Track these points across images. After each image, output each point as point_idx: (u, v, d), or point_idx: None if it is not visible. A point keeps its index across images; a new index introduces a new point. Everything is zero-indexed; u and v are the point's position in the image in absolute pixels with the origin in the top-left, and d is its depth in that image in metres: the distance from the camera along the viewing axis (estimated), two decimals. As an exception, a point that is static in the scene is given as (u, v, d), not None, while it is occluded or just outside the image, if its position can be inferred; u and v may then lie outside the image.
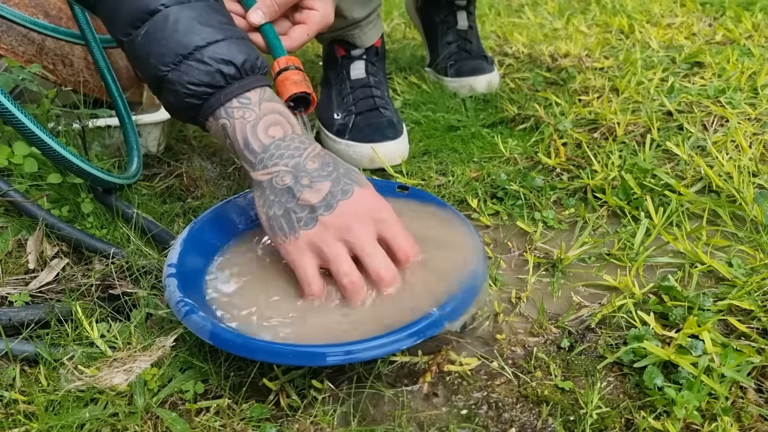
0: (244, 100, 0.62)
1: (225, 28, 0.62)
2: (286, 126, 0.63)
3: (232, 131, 0.62)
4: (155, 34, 0.60)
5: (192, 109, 0.62)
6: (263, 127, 0.62)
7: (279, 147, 0.61)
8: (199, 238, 0.68)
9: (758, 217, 0.78)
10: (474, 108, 1.15)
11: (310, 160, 0.61)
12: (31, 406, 0.57)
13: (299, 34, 0.77)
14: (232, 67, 0.61)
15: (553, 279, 0.74)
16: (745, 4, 1.57)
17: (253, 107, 0.62)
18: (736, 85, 1.11)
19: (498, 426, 0.56)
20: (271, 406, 0.59)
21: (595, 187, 0.88)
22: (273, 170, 0.61)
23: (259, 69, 0.63)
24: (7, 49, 0.86)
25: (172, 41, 0.60)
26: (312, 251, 0.60)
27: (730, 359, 0.58)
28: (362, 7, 1.00)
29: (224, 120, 0.62)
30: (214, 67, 0.60)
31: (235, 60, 0.61)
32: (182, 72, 0.60)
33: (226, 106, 0.61)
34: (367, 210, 0.60)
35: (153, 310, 0.67)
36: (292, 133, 0.63)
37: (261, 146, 0.61)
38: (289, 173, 0.60)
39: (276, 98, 0.65)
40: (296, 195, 0.60)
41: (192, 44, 0.60)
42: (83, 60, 0.98)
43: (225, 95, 0.61)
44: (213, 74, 0.60)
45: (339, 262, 0.59)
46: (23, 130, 0.67)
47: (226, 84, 0.61)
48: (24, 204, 0.73)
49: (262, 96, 0.63)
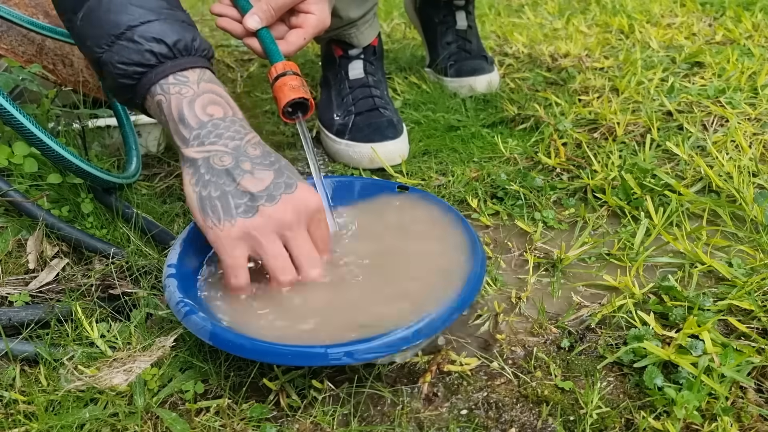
0: (181, 77, 0.61)
1: (160, 11, 0.61)
2: (226, 108, 0.62)
3: (167, 106, 0.60)
4: (91, 15, 0.60)
5: (127, 89, 0.62)
6: (201, 104, 0.60)
7: (217, 126, 0.60)
8: (200, 239, 0.68)
9: (758, 217, 0.78)
10: (474, 108, 1.15)
11: (251, 146, 0.60)
12: (31, 406, 0.57)
13: (296, 39, 0.77)
14: (163, 45, 0.60)
15: (553, 279, 0.74)
16: (745, 4, 1.57)
17: (191, 85, 0.61)
18: (736, 85, 1.11)
19: (498, 426, 0.56)
20: (271, 406, 0.59)
21: (595, 187, 0.88)
22: (211, 149, 0.59)
23: (195, 50, 0.62)
24: (7, 49, 0.87)
25: (106, 22, 0.60)
26: (245, 241, 0.58)
27: (730, 359, 0.58)
28: (358, 7, 1.00)
29: (160, 96, 0.61)
30: (145, 46, 0.59)
31: (167, 39, 0.60)
32: (114, 52, 0.60)
33: (162, 82, 0.60)
34: (306, 208, 0.60)
35: (153, 310, 0.67)
36: (232, 116, 0.61)
37: (198, 122, 0.60)
38: (228, 154, 0.59)
39: (217, 82, 0.64)
40: (236, 179, 0.58)
41: (124, 24, 0.59)
42: (83, 60, 0.98)
43: (157, 74, 0.60)
44: (143, 53, 0.60)
45: (276, 256, 0.59)
46: (22, 130, 0.67)
47: (157, 63, 0.60)
48: (24, 204, 0.73)
49: (201, 76, 0.62)
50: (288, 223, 0.59)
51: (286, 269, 0.59)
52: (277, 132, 1.12)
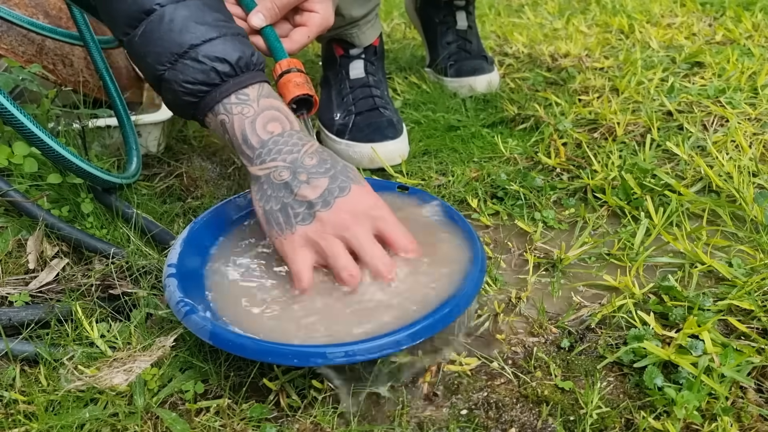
0: (242, 96, 0.62)
1: (220, 26, 0.62)
2: (284, 122, 0.64)
3: (230, 127, 0.62)
4: (151, 33, 0.61)
5: (190, 106, 0.63)
6: (261, 122, 0.62)
7: (277, 143, 0.62)
8: (200, 238, 0.68)
9: (758, 217, 0.78)
10: (474, 108, 1.15)
11: (308, 157, 0.62)
12: (31, 406, 0.57)
13: (300, 37, 0.77)
14: (226, 65, 0.61)
15: (553, 279, 0.74)
16: (745, 4, 1.57)
17: (252, 103, 0.62)
18: (736, 85, 1.11)
19: (498, 426, 0.56)
20: (271, 406, 0.59)
21: (595, 187, 0.88)
22: (271, 165, 0.61)
23: (255, 65, 0.64)
24: (7, 49, 0.86)
25: (168, 40, 0.60)
26: (307, 247, 0.60)
27: (730, 359, 0.58)
28: (361, 6, 1.00)
29: (223, 116, 0.62)
30: (209, 65, 0.61)
31: (229, 58, 0.61)
32: (178, 71, 0.61)
33: (224, 102, 0.62)
34: (364, 207, 0.61)
35: (153, 310, 0.67)
36: (290, 129, 0.63)
37: (259, 141, 0.62)
38: (286, 168, 0.61)
39: (274, 94, 0.65)
40: (294, 191, 0.60)
41: (187, 43, 0.60)
42: (83, 60, 0.98)
43: (221, 92, 0.62)
44: (208, 72, 0.61)
45: (337, 257, 0.59)
46: (23, 130, 0.67)
47: (221, 81, 0.62)
48: (24, 204, 0.73)
49: (260, 92, 0.63)
50: (344, 224, 0.59)
51: (348, 266, 0.60)
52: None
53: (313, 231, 0.60)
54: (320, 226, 0.59)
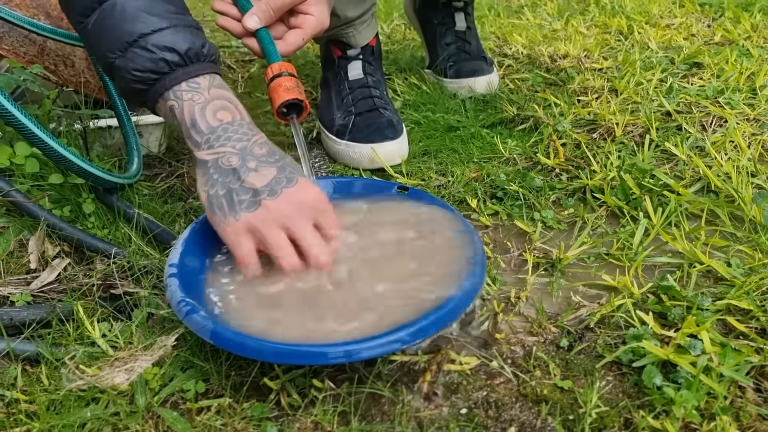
0: (193, 84, 0.64)
1: (170, 17, 0.64)
2: (234, 112, 0.65)
3: (179, 112, 0.64)
4: (104, 21, 0.63)
5: (139, 93, 0.65)
6: (212, 110, 0.64)
7: (227, 130, 0.63)
8: (200, 238, 0.68)
9: (757, 217, 0.78)
10: (473, 109, 1.16)
11: (257, 146, 0.63)
12: (32, 406, 0.57)
13: (294, 39, 0.78)
14: (175, 54, 0.63)
15: (552, 279, 0.74)
16: (744, 5, 1.57)
17: (203, 91, 0.64)
18: (735, 85, 1.11)
19: (497, 425, 0.57)
20: (271, 405, 0.59)
21: (594, 188, 0.88)
22: (219, 150, 0.62)
23: (205, 57, 0.65)
24: (8, 49, 0.87)
25: (119, 29, 0.62)
26: (251, 233, 0.61)
27: (729, 359, 0.58)
28: (356, 7, 1.00)
29: (172, 102, 0.64)
30: (158, 54, 0.62)
31: (178, 47, 0.63)
32: (128, 59, 0.62)
33: (175, 89, 0.64)
34: (309, 199, 0.63)
35: (154, 309, 0.67)
36: (240, 120, 0.65)
37: (208, 127, 0.63)
38: (235, 155, 0.62)
39: (226, 87, 0.67)
40: (241, 177, 0.61)
41: (137, 32, 0.62)
42: (84, 61, 0.99)
43: (170, 80, 0.63)
44: (157, 61, 0.62)
45: (278, 246, 0.61)
46: (24, 130, 0.67)
47: (170, 70, 0.63)
48: (25, 204, 0.74)
49: (211, 82, 0.65)
50: (289, 214, 0.61)
51: (289, 256, 0.61)
52: (278, 132, 1.12)
53: (257, 218, 0.61)
54: (265, 214, 0.61)
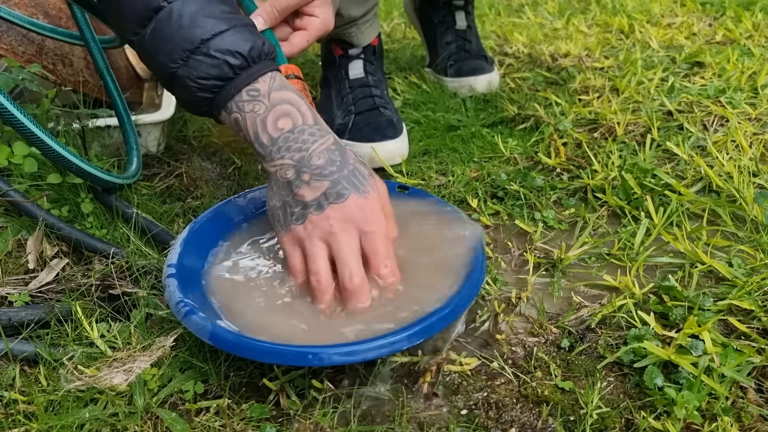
0: (253, 92, 0.62)
1: (228, 18, 0.62)
2: (296, 117, 0.63)
3: (243, 125, 0.63)
4: (161, 31, 0.60)
5: (205, 102, 0.63)
6: (272, 119, 0.62)
7: (287, 140, 0.62)
8: (199, 238, 0.68)
9: (758, 217, 0.78)
10: (474, 108, 1.15)
11: (316, 156, 0.61)
12: (30, 406, 0.57)
13: (299, 41, 0.77)
14: (239, 57, 0.61)
15: (553, 279, 0.74)
16: (746, 4, 1.56)
17: (263, 99, 0.62)
18: (737, 84, 1.11)
19: (498, 426, 0.56)
20: (271, 406, 0.59)
21: (596, 187, 0.88)
22: (278, 163, 0.62)
23: (266, 55, 0.63)
24: (7, 48, 0.86)
25: (178, 37, 0.60)
26: (299, 246, 0.62)
27: (731, 359, 0.58)
28: (359, 6, 1.00)
29: (236, 114, 0.62)
30: (221, 59, 0.60)
31: (241, 49, 0.61)
32: (191, 67, 0.60)
33: (236, 99, 0.62)
34: (355, 219, 0.60)
35: (153, 310, 0.67)
36: (302, 124, 0.62)
37: (269, 139, 0.62)
38: (292, 167, 0.61)
39: (286, 84, 0.64)
40: (293, 190, 0.61)
41: (197, 38, 0.60)
42: (83, 60, 0.98)
43: (235, 86, 0.61)
44: (221, 66, 0.60)
45: (314, 260, 0.61)
46: (22, 130, 0.67)
47: (234, 75, 0.61)
48: (24, 204, 0.73)
49: (272, 85, 0.63)
50: (330, 230, 0.60)
51: (319, 272, 0.60)
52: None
53: (302, 231, 0.61)
54: (310, 228, 0.61)
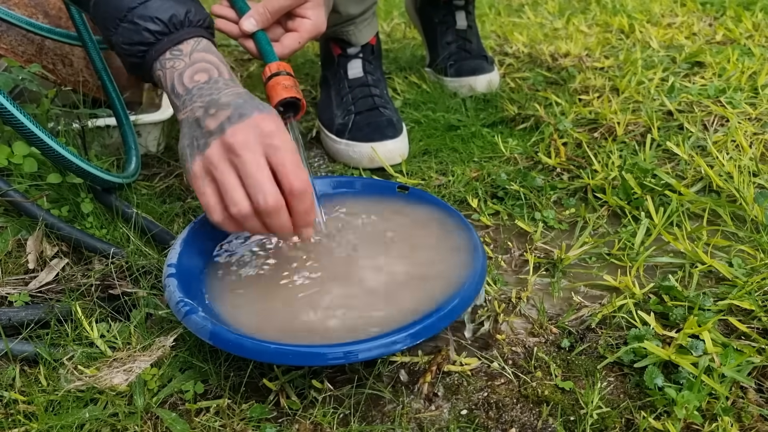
0: (176, 51, 0.65)
1: None
2: (212, 71, 0.64)
3: (163, 80, 0.65)
4: (101, 2, 0.65)
5: (137, 67, 0.66)
6: (190, 73, 0.64)
7: (201, 89, 0.63)
8: (199, 238, 0.68)
9: (759, 217, 0.78)
10: (474, 108, 1.15)
11: (224, 96, 0.62)
12: (30, 406, 0.57)
13: (290, 42, 0.78)
14: (159, 23, 0.64)
15: (553, 279, 0.74)
16: (746, 4, 1.56)
17: (184, 57, 0.65)
18: (737, 84, 1.11)
19: (498, 426, 0.56)
20: (271, 406, 0.59)
21: (596, 187, 0.88)
22: (189, 108, 0.63)
23: (191, 22, 0.66)
24: (6, 48, 0.86)
25: (112, 6, 0.64)
26: (207, 175, 0.59)
27: (731, 359, 0.58)
28: (358, 4, 1.00)
29: (159, 71, 0.65)
30: (142, 25, 0.63)
31: (161, 16, 0.64)
32: (119, 34, 0.64)
33: (161, 58, 0.65)
34: (258, 134, 0.58)
35: (153, 310, 0.67)
36: (217, 77, 0.64)
37: (184, 89, 0.63)
38: (201, 107, 0.62)
39: (211, 49, 0.66)
40: (201, 124, 0.61)
41: (125, 7, 0.64)
42: (83, 60, 0.98)
43: (157, 50, 0.64)
44: (141, 32, 0.64)
45: (228, 189, 0.58)
46: (22, 130, 0.67)
47: (155, 40, 0.64)
48: (24, 204, 0.73)
49: (194, 47, 0.65)
50: (232, 149, 0.57)
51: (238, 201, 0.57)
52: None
53: (206, 158, 0.58)
54: (213, 152, 0.58)
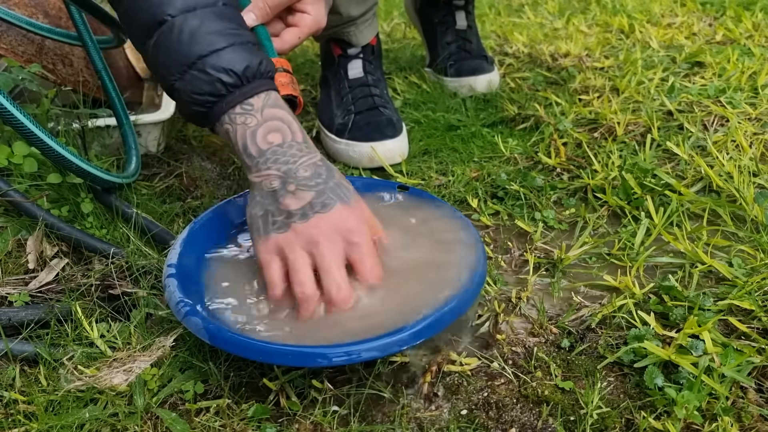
0: (246, 106, 0.62)
1: (228, 35, 0.62)
2: (286, 133, 0.63)
3: (234, 136, 0.63)
4: (163, 44, 0.62)
5: (200, 116, 0.64)
6: (263, 132, 0.62)
7: (275, 153, 0.62)
8: (199, 238, 0.68)
9: (758, 217, 0.78)
10: (474, 108, 1.15)
11: (302, 168, 0.61)
12: (30, 406, 0.57)
13: (290, 37, 0.78)
14: (233, 75, 0.61)
15: (553, 279, 0.74)
16: (746, 4, 1.56)
17: (255, 113, 0.63)
18: (737, 84, 1.11)
19: (498, 426, 0.56)
20: (271, 406, 0.59)
21: (596, 187, 0.88)
22: (265, 173, 0.61)
23: (262, 74, 0.64)
24: (6, 48, 0.86)
25: (178, 52, 0.61)
26: (279, 255, 0.60)
27: (731, 359, 0.58)
28: (358, 5, 1.00)
29: (227, 125, 0.63)
30: (215, 76, 0.61)
31: (235, 68, 0.61)
32: (186, 82, 0.61)
33: (230, 112, 0.62)
34: (341, 229, 0.60)
35: (153, 310, 0.67)
36: (291, 140, 0.63)
37: (258, 151, 0.62)
38: (278, 178, 0.61)
39: (281, 104, 0.65)
40: (278, 199, 0.60)
41: (195, 54, 0.61)
42: (83, 60, 0.98)
43: (228, 103, 0.62)
44: (214, 83, 0.61)
45: (297, 270, 0.59)
46: (22, 130, 0.67)
47: (227, 92, 0.62)
48: (24, 204, 0.73)
49: (266, 102, 0.63)
50: (314, 240, 0.59)
51: (304, 283, 0.59)
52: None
53: (284, 240, 0.60)
54: (292, 237, 0.59)
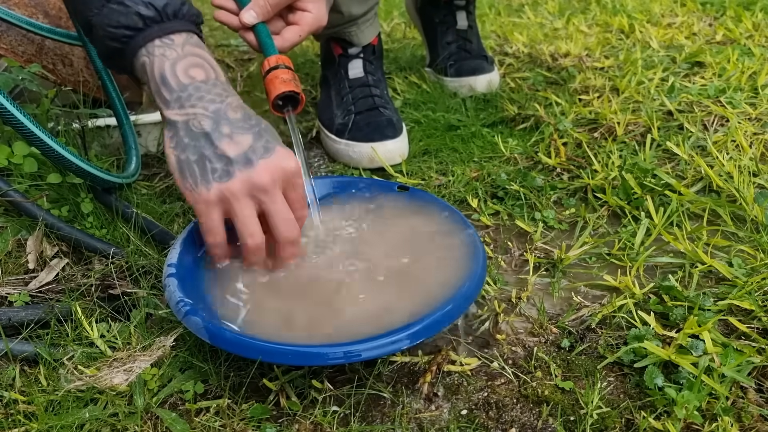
0: (166, 40, 0.61)
1: None
2: (209, 71, 0.62)
3: (150, 68, 0.61)
4: None
5: (116, 53, 0.62)
6: (184, 66, 0.61)
7: (199, 89, 0.60)
8: (199, 238, 0.68)
9: (758, 217, 0.78)
10: (474, 108, 1.15)
11: (231, 109, 0.60)
12: (30, 406, 0.57)
13: (291, 35, 0.77)
14: (151, 9, 0.60)
15: (553, 279, 0.74)
16: (746, 4, 1.56)
17: (176, 47, 0.61)
18: (737, 84, 1.11)
19: (498, 426, 0.56)
20: (271, 406, 0.59)
21: (596, 187, 0.88)
22: (190, 111, 0.60)
23: (184, 15, 0.63)
24: (6, 48, 0.86)
25: None
26: (221, 204, 0.60)
27: (731, 359, 0.58)
28: (360, 4, 1.00)
29: (144, 58, 0.61)
30: (133, 8, 0.60)
31: (155, 3, 0.60)
32: (104, 15, 0.60)
33: (148, 45, 0.61)
34: (287, 172, 0.60)
35: (153, 310, 0.67)
36: (215, 79, 0.61)
37: (179, 84, 0.60)
38: (208, 118, 0.59)
39: (203, 46, 0.63)
40: (214, 143, 0.59)
41: None
42: (83, 60, 0.98)
43: (144, 37, 0.60)
44: (131, 15, 0.60)
45: (246, 221, 0.59)
46: (22, 130, 0.67)
47: (144, 26, 0.60)
48: (24, 204, 0.73)
49: (187, 40, 0.62)
50: (263, 186, 0.59)
51: (255, 234, 0.60)
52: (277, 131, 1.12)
53: (228, 189, 0.59)
54: (237, 186, 0.58)
